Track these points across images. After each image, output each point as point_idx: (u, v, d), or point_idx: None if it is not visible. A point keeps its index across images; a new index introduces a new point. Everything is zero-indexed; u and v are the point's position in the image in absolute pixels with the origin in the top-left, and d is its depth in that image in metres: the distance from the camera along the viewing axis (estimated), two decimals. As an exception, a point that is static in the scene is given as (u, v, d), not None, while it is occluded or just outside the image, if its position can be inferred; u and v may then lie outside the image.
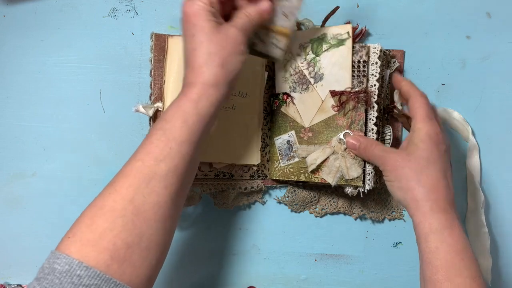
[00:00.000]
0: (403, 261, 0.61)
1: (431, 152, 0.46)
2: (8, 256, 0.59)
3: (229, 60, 0.44)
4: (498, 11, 0.59)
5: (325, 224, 0.61)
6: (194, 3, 0.43)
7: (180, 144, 0.42)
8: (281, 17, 0.49)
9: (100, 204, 0.40)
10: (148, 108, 0.54)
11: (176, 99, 0.44)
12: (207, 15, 0.43)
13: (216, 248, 0.60)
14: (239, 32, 0.45)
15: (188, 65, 0.44)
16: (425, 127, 0.47)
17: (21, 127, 0.58)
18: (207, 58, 0.43)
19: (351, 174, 0.51)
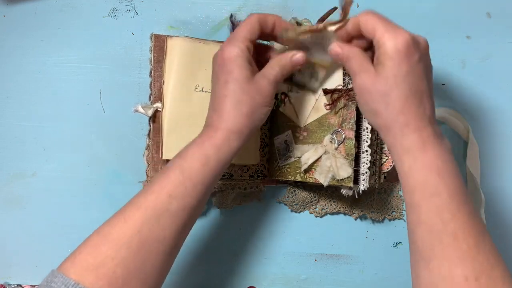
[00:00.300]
0: (403, 261, 0.61)
1: (400, 68, 0.40)
2: (8, 256, 0.59)
3: (256, 111, 0.45)
4: (498, 11, 0.59)
5: (325, 224, 0.61)
6: (233, 49, 0.44)
7: (195, 185, 0.43)
8: (321, 52, 0.48)
9: (107, 230, 0.41)
10: (147, 108, 0.54)
11: (199, 138, 0.44)
12: (244, 63, 0.44)
13: (216, 248, 0.60)
14: (270, 84, 0.45)
15: (215, 108, 0.45)
16: (390, 40, 0.40)
17: (21, 127, 0.58)
18: (236, 107, 0.44)
19: (341, 174, 0.51)
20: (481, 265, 0.37)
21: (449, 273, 0.37)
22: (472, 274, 0.37)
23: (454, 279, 0.37)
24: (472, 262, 0.37)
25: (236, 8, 0.58)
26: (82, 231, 0.59)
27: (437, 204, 0.39)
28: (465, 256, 0.37)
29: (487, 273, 0.37)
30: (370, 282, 0.61)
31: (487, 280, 0.36)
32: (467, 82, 0.59)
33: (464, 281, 0.36)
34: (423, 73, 0.41)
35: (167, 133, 0.53)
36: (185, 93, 0.54)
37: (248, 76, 0.44)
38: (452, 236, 0.38)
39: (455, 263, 0.37)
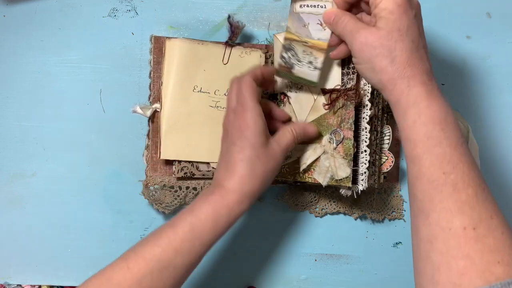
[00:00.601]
0: (403, 261, 0.61)
1: (401, 21, 0.41)
2: (8, 256, 0.59)
3: (269, 176, 0.47)
4: (498, 11, 0.59)
5: (325, 224, 0.61)
6: (252, 117, 0.45)
7: (203, 244, 0.44)
8: (317, 27, 0.48)
9: (109, 275, 0.42)
10: (146, 109, 0.54)
11: (211, 196, 0.45)
12: (261, 129, 0.46)
13: (216, 248, 0.60)
14: (282, 152, 0.48)
15: (229, 170, 0.46)
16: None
17: (21, 127, 0.58)
18: (250, 172, 0.45)
19: (340, 174, 0.50)
20: (479, 215, 0.37)
21: (447, 224, 0.37)
22: (470, 223, 0.37)
23: (452, 230, 0.37)
24: (470, 211, 0.37)
25: (236, 8, 0.58)
26: (82, 231, 0.59)
27: (439, 155, 0.39)
28: (463, 206, 0.37)
29: (485, 222, 0.37)
30: (370, 282, 0.61)
31: (484, 229, 0.37)
32: (467, 82, 0.59)
33: (462, 230, 0.37)
34: (420, 27, 0.43)
35: (165, 133, 0.54)
36: (184, 94, 0.54)
37: (263, 142, 0.46)
38: (452, 186, 0.38)
39: (454, 214, 0.37)
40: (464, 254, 0.36)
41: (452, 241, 0.37)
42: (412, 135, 0.41)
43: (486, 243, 0.36)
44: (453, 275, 0.36)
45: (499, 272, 0.35)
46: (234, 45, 0.55)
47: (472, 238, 0.36)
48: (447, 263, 0.37)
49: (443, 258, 0.37)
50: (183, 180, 0.56)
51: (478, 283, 0.35)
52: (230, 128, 0.47)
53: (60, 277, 0.60)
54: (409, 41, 0.41)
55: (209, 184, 0.56)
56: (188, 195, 0.56)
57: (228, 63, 0.55)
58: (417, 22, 0.43)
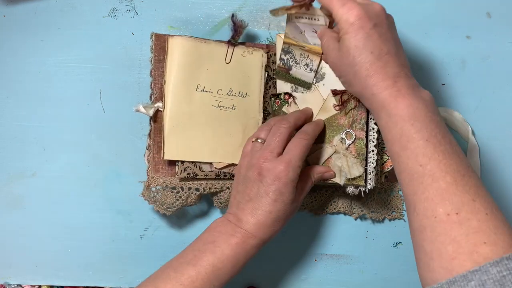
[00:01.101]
0: (403, 261, 0.61)
1: (357, 38, 0.43)
2: (8, 256, 0.59)
3: (287, 220, 0.50)
4: (498, 11, 0.59)
5: (325, 224, 0.61)
6: (292, 174, 0.48)
7: (221, 284, 0.47)
8: (313, 34, 0.51)
9: None
10: (149, 108, 0.54)
11: (233, 239, 0.48)
12: (294, 186, 0.49)
13: (216, 248, 0.60)
14: (303, 198, 0.52)
15: (256, 217, 0.48)
16: (343, 16, 0.44)
17: (21, 127, 0.58)
18: (275, 223, 0.49)
19: (353, 173, 0.51)
20: (461, 199, 0.38)
21: (432, 213, 0.39)
22: (453, 209, 0.38)
23: (437, 218, 0.39)
24: (451, 198, 0.39)
25: (236, 8, 0.58)
26: (82, 231, 0.59)
27: (413, 150, 0.41)
28: (444, 194, 0.39)
29: (468, 206, 0.38)
30: (370, 282, 0.61)
31: (467, 213, 0.38)
32: (467, 82, 0.59)
33: (446, 217, 0.38)
34: (381, 36, 0.44)
35: (168, 133, 0.53)
36: (187, 93, 0.54)
37: (294, 199, 0.49)
38: (430, 177, 0.40)
39: (436, 202, 0.39)
40: (451, 239, 0.37)
41: (438, 228, 0.38)
42: (387, 135, 0.43)
43: (470, 225, 0.37)
44: (444, 260, 0.37)
45: (486, 252, 0.36)
46: (236, 44, 0.55)
47: (456, 223, 0.38)
48: (437, 250, 0.38)
49: (434, 246, 0.38)
50: (186, 180, 0.56)
51: (467, 265, 0.36)
52: (267, 175, 0.48)
53: (60, 277, 0.60)
54: (367, 54, 0.43)
55: (210, 184, 0.56)
56: (190, 196, 0.55)
57: (231, 62, 0.55)
58: (378, 30, 0.44)
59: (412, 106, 0.42)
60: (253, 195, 0.49)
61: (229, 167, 0.56)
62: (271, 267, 0.61)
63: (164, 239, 0.60)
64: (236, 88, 0.55)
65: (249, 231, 0.48)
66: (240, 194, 0.50)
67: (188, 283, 0.45)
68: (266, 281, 0.61)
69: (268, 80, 0.57)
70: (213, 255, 0.47)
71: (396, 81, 0.43)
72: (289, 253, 0.61)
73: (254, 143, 0.52)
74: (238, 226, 0.48)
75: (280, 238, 0.61)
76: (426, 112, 0.42)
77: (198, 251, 0.47)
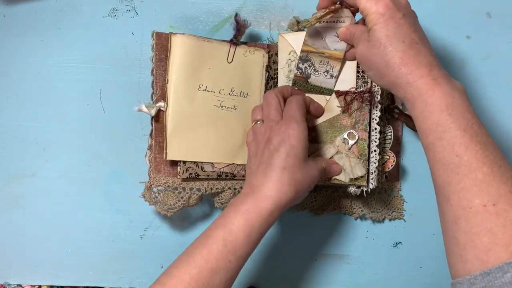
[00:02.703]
0: (403, 261, 0.61)
1: (388, 28, 0.44)
2: (8, 256, 0.59)
3: (304, 189, 0.47)
4: (498, 11, 0.59)
5: (325, 224, 0.61)
6: (300, 129, 0.47)
7: (238, 258, 0.44)
8: (334, 39, 0.52)
9: None
10: (151, 107, 0.54)
11: (242, 205, 0.45)
12: (305, 145, 0.47)
13: (216, 248, 0.60)
14: (318, 172, 0.49)
15: (269, 176, 0.46)
16: (372, 7, 0.44)
17: (21, 127, 0.58)
18: (290, 181, 0.46)
19: (356, 173, 0.52)
20: (498, 191, 0.38)
21: (467, 203, 0.38)
22: (490, 200, 0.38)
23: (473, 209, 0.38)
24: (488, 189, 0.38)
25: (236, 8, 0.58)
26: (82, 231, 0.59)
27: (450, 140, 0.40)
28: (481, 185, 0.38)
29: (505, 197, 0.37)
30: (370, 282, 0.61)
31: (504, 204, 0.37)
32: (467, 82, 0.59)
33: (482, 208, 0.38)
34: (411, 26, 0.44)
35: (171, 133, 0.53)
36: (189, 92, 0.53)
37: (306, 157, 0.47)
38: (466, 167, 0.39)
39: (472, 193, 0.38)
40: (487, 230, 0.37)
41: (474, 219, 0.38)
42: (422, 125, 0.42)
43: (508, 217, 0.37)
44: (479, 252, 0.37)
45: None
46: (238, 44, 0.55)
47: (493, 214, 0.37)
48: (472, 241, 0.38)
49: (468, 237, 0.38)
50: (188, 181, 0.55)
51: (504, 257, 0.36)
52: (274, 136, 0.47)
53: (60, 277, 0.60)
54: (399, 43, 0.43)
55: (212, 185, 0.56)
56: (192, 197, 0.55)
57: (233, 62, 0.55)
58: (408, 20, 0.44)
59: (449, 95, 0.41)
60: (265, 158, 0.47)
61: (230, 167, 0.56)
62: (271, 267, 0.61)
63: (164, 239, 0.60)
64: (238, 88, 0.55)
65: (263, 192, 0.45)
66: (251, 168, 0.49)
67: (202, 264, 0.43)
68: (266, 281, 0.61)
69: (268, 80, 0.57)
70: (222, 228, 0.44)
71: (431, 69, 0.42)
72: (289, 253, 0.61)
73: (254, 126, 0.52)
74: (249, 194, 0.46)
75: (280, 238, 0.61)
76: (462, 101, 0.41)
77: (210, 230, 0.45)
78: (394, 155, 0.57)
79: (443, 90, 0.41)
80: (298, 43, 0.54)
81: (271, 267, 0.61)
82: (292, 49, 0.54)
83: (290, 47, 0.54)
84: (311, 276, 0.61)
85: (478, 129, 0.41)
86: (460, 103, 0.41)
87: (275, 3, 0.58)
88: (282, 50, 0.55)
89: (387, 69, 0.44)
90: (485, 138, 0.40)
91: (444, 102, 0.41)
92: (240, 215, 0.44)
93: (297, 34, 0.53)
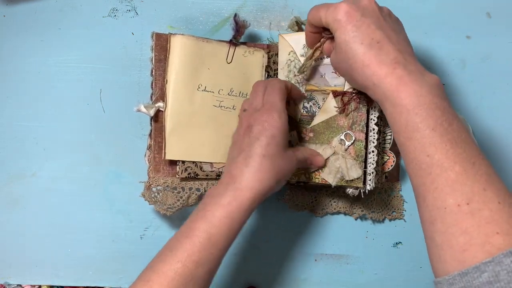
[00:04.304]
0: (403, 261, 0.61)
1: (345, 32, 0.43)
2: (8, 256, 0.59)
3: (284, 178, 0.48)
4: (498, 11, 0.59)
5: (325, 224, 0.61)
6: (281, 118, 0.47)
7: (220, 250, 0.44)
8: (333, 75, 0.53)
9: None
10: (150, 108, 0.54)
11: (223, 198, 0.44)
12: (286, 133, 0.47)
13: (216, 248, 0.60)
14: (296, 160, 0.49)
15: (250, 165, 0.45)
16: (330, 17, 0.44)
17: (21, 127, 0.58)
18: (271, 169, 0.45)
19: (351, 174, 0.51)
20: (471, 189, 0.37)
21: (442, 204, 0.38)
22: (464, 199, 0.37)
23: (447, 209, 0.38)
24: (461, 188, 0.38)
25: (236, 8, 0.58)
26: (82, 231, 0.59)
27: (420, 140, 0.40)
28: (453, 184, 0.38)
29: (479, 196, 0.37)
30: (370, 282, 0.61)
31: (478, 203, 0.37)
32: (467, 82, 0.59)
33: (456, 207, 0.37)
34: (372, 25, 0.43)
35: (170, 133, 0.53)
36: (188, 93, 0.53)
37: (286, 145, 0.47)
38: (438, 167, 0.39)
39: (446, 193, 0.38)
40: (463, 230, 0.37)
41: (449, 219, 0.38)
42: (393, 126, 0.42)
43: (482, 216, 0.36)
44: (456, 252, 0.37)
45: (499, 242, 0.35)
46: (238, 44, 0.55)
47: (467, 214, 0.37)
48: (448, 242, 0.37)
49: (445, 237, 0.38)
50: (187, 180, 0.56)
51: (480, 256, 0.35)
52: (255, 124, 0.47)
53: (60, 277, 0.60)
54: (358, 45, 0.43)
55: (211, 185, 0.56)
56: (191, 196, 0.56)
57: (232, 62, 0.55)
58: (367, 20, 0.43)
59: (416, 94, 0.40)
60: (245, 145, 0.46)
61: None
62: (271, 267, 0.61)
63: (164, 239, 0.59)
64: (237, 89, 0.55)
65: (244, 182, 0.45)
66: (231, 156, 0.48)
67: (185, 257, 0.42)
68: (266, 281, 0.61)
69: (268, 80, 0.57)
70: (204, 221, 0.44)
71: (395, 67, 0.41)
72: (289, 253, 0.61)
73: (240, 114, 0.52)
74: (229, 184, 0.45)
75: (280, 238, 0.61)
76: (431, 98, 0.40)
77: (191, 222, 0.45)
78: (394, 155, 0.57)
79: (408, 89, 0.41)
80: (298, 43, 0.54)
81: (271, 267, 0.61)
82: (292, 49, 0.54)
83: (290, 48, 0.54)
84: (311, 276, 0.61)
85: (449, 127, 0.40)
86: (427, 100, 0.40)
87: (275, 3, 0.58)
88: (282, 51, 0.55)
89: (353, 72, 0.44)
90: (457, 135, 0.40)
91: (410, 102, 0.40)
92: (222, 208, 0.44)
93: (297, 35, 0.54)
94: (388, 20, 0.45)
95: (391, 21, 0.46)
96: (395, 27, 0.45)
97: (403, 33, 0.46)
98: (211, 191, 0.46)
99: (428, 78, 0.42)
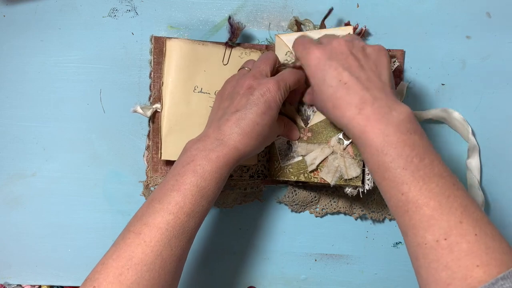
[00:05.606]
0: (403, 261, 0.61)
1: (316, 77, 0.46)
2: (8, 256, 0.59)
3: (268, 142, 0.50)
4: (498, 11, 0.59)
5: (325, 224, 0.61)
6: (280, 88, 0.47)
7: (209, 203, 0.45)
8: None
9: (128, 255, 0.41)
10: (146, 109, 0.54)
11: (212, 152, 0.44)
12: (279, 105, 0.48)
13: (216, 248, 0.60)
14: (279, 131, 0.52)
15: (244, 132, 0.46)
16: (304, 62, 0.48)
17: (21, 127, 0.58)
18: (260, 137, 0.47)
19: (350, 173, 0.51)
20: (448, 223, 0.38)
21: (422, 240, 0.39)
22: (441, 234, 0.38)
23: (428, 245, 0.38)
24: (437, 223, 0.38)
25: (236, 9, 0.58)
26: (82, 231, 0.59)
27: (393, 179, 0.40)
28: (430, 220, 0.38)
29: (456, 229, 0.37)
30: (370, 282, 0.61)
31: (456, 236, 0.37)
32: (467, 82, 0.59)
33: (435, 243, 0.38)
34: (340, 67, 0.45)
35: (166, 134, 0.54)
36: (184, 94, 0.54)
37: (275, 120, 0.48)
38: (414, 204, 0.39)
39: (424, 229, 0.38)
40: (444, 265, 0.37)
41: (430, 255, 0.38)
42: (367, 165, 0.44)
43: (461, 249, 0.37)
44: (441, 287, 0.37)
45: (480, 275, 0.36)
46: (234, 46, 0.55)
47: (446, 249, 0.37)
48: (432, 277, 0.38)
49: (429, 272, 0.38)
50: (183, 180, 0.56)
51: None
52: (258, 88, 0.47)
53: (60, 277, 0.60)
54: (327, 88, 0.45)
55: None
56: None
57: (228, 63, 0.55)
58: (334, 63, 0.45)
59: (383, 134, 0.41)
60: (241, 106, 0.46)
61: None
62: (271, 267, 0.61)
63: (164, 239, 0.60)
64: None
65: (231, 141, 0.45)
66: (223, 109, 0.48)
67: (177, 210, 0.42)
68: (266, 281, 0.61)
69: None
70: (194, 174, 0.44)
71: (362, 108, 0.42)
72: (289, 253, 0.61)
73: (241, 70, 0.52)
74: (218, 139, 0.45)
75: (280, 238, 0.61)
76: (398, 136, 0.40)
77: (179, 175, 0.44)
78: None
79: (376, 130, 0.41)
80: None
81: (271, 267, 0.61)
82: (289, 49, 0.54)
83: (287, 48, 0.54)
84: (311, 276, 0.61)
85: (420, 162, 0.40)
86: (394, 140, 0.40)
87: (275, 3, 0.58)
88: (278, 51, 0.55)
89: (327, 113, 0.46)
90: (429, 170, 0.40)
91: (378, 143, 0.41)
92: (212, 163, 0.44)
93: (294, 35, 0.53)
94: (359, 57, 0.46)
95: (363, 57, 0.46)
96: (366, 63, 0.45)
97: (379, 65, 0.46)
98: (198, 145, 0.46)
99: (396, 113, 0.42)
